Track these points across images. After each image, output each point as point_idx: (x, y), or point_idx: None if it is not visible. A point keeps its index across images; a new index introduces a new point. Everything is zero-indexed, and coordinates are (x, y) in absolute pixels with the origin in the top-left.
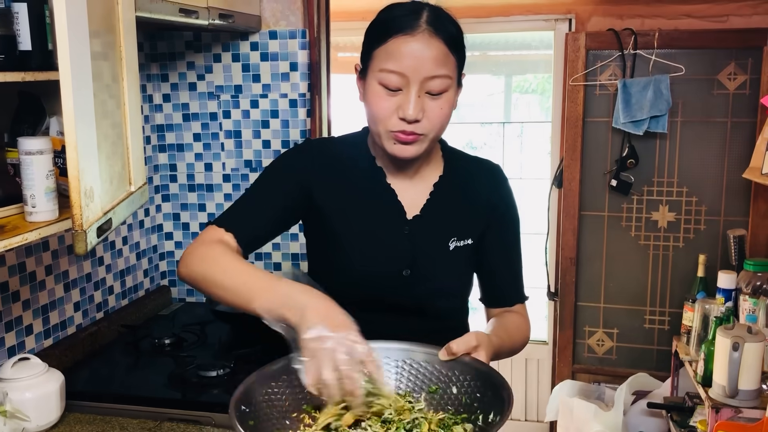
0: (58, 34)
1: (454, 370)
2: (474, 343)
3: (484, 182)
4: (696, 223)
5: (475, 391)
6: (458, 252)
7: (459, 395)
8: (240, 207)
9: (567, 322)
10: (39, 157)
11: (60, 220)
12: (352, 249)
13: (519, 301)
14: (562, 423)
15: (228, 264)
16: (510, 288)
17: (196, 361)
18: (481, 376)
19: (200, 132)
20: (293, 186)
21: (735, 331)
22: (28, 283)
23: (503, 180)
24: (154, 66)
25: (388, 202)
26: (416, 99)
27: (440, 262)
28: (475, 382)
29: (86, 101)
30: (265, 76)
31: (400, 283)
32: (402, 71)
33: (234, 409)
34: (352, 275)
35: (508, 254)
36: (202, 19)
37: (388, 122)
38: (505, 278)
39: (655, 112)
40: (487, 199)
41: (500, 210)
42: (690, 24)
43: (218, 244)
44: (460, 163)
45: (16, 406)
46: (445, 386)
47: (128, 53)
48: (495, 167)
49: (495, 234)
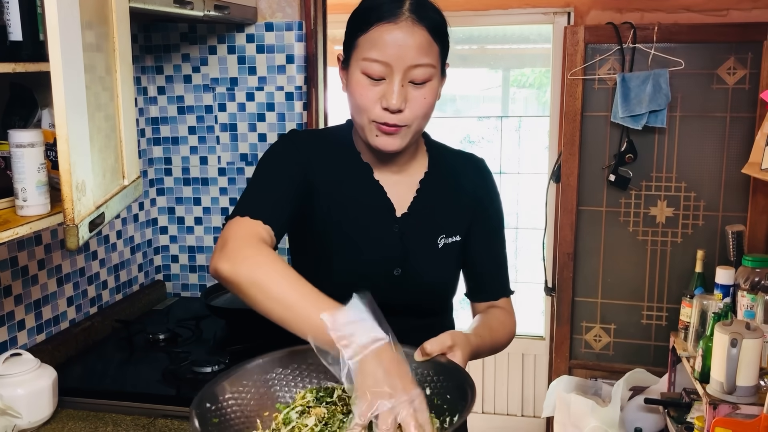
0: (49, 24)
1: (429, 370)
2: (449, 343)
3: (469, 176)
4: (694, 219)
5: (445, 392)
6: (447, 249)
7: (432, 396)
8: (259, 195)
9: (564, 318)
10: (30, 150)
11: (52, 214)
12: (342, 248)
13: (504, 294)
14: (558, 419)
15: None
16: (494, 282)
17: (191, 357)
18: (450, 376)
19: (195, 125)
20: (300, 175)
21: (733, 327)
22: (20, 277)
23: (488, 174)
24: (149, 58)
25: (378, 199)
26: (399, 88)
27: (430, 260)
28: (446, 383)
29: (78, 93)
30: (261, 68)
31: (390, 283)
32: (385, 60)
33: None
34: (341, 276)
35: (493, 248)
36: (197, 10)
37: (371, 112)
38: (490, 272)
39: (654, 106)
40: (472, 193)
41: (485, 204)
42: (689, 18)
43: (265, 246)
44: (444, 157)
45: (7, 403)
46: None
47: (122, 45)
48: (479, 161)
49: (480, 228)
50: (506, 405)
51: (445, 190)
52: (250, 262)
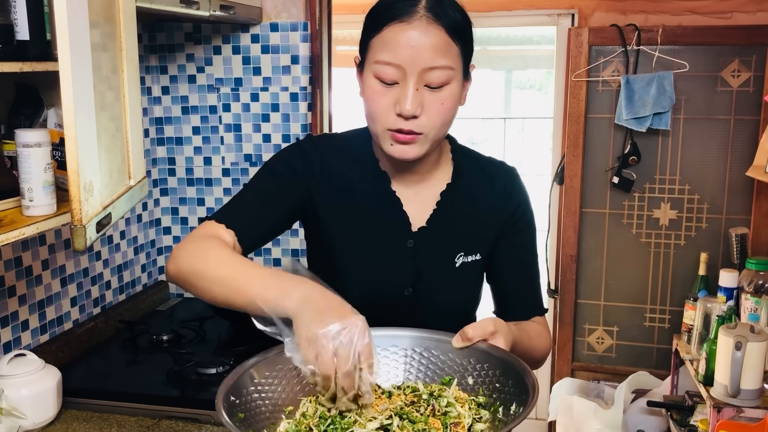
0: (58, 24)
1: (470, 358)
2: (491, 329)
3: (496, 188)
4: (698, 221)
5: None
6: (465, 268)
7: (476, 386)
8: (240, 204)
9: (567, 320)
10: (37, 150)
11: (58, 215)
12: (350, 262)
13: (537, 313)
14: (561, 421)
15: (221, 256)
16: (526, 300)
17: (195, 358)
18: (500, 363)
19: (199, 125)
20: (295, 189)
21: (737, 330)
22: (24, 277)
23: (518, 185)
24: (153, 58)
25: (393, 211)
26: (414, 92)
27: (445, 280)
28: (493, 371)
29: (86, 93)
30: (266, 69)
31: (400, 303)
32: (397, 62)
33: (222, 400)
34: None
35: (524, 264)
36: (203, 10)
37: (386, 119)
38: (521, 289)
39: (658, 108)
40: (499, 207)
41: (515, 218)
42: (694, 20)
43: (212, 238)
44: (470, 166)
45: (12, 404)
46: (460, 376)
47: (128, 44)
48: (510, 170)
49: (508, 243)
50: None
51: (468, 203)
52: (191, 255)
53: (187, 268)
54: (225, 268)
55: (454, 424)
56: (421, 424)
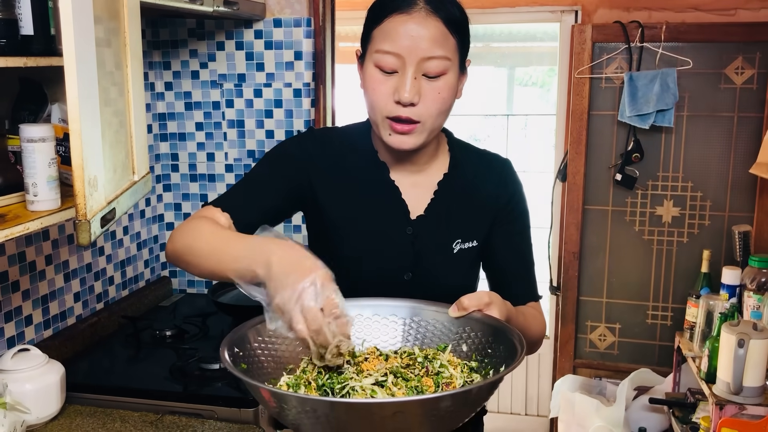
0: (63, 19)
1: (465, 326)
2: (486, 300)
3: (491, 179)
4: (701, 219)
5: (486, 347)
6: (462, 254)
7: (469, 352)
8: (239, 190)
9: (569, 317)
10: (41, 145)
11: (62, 210)
12: (351, 249)
13: (532, 299)
14: (563, 418)
15: (211, 232)
16: (521, 287)
17: (198, 354)
18: (492, 331)
19: (202, 121)
20: (293, 175)
21: (740, 327)
22: (28, 273)
23: (512, 175)
24: (156, 54)
25: (391, 199)
26: (412, 81)
27: (443, 266)
28: (486, 338)
29: (91, 88)
30: (269, 65)
31: (399, 287)
32: (397, 51)
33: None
34: (350, 276)
35: (518, 251)
36: (206, 6)
37: (385, 107)
38: (516, 276)
39: (662, 105)
40: (495, 196)
41: (509, 206)
42: (698, 17)
43: (206, 219)
44: (467, 158)
45: (16, 398)
46: (455, 344)
47: (132, 40)
48: (504, 162)
49: (503, 230)
50: (510, 404)
51: (465, 192)
52: (184, 234)
53: (180, 246)
54: (213, 240)
55: (446, 383)
56: (414, 381)
